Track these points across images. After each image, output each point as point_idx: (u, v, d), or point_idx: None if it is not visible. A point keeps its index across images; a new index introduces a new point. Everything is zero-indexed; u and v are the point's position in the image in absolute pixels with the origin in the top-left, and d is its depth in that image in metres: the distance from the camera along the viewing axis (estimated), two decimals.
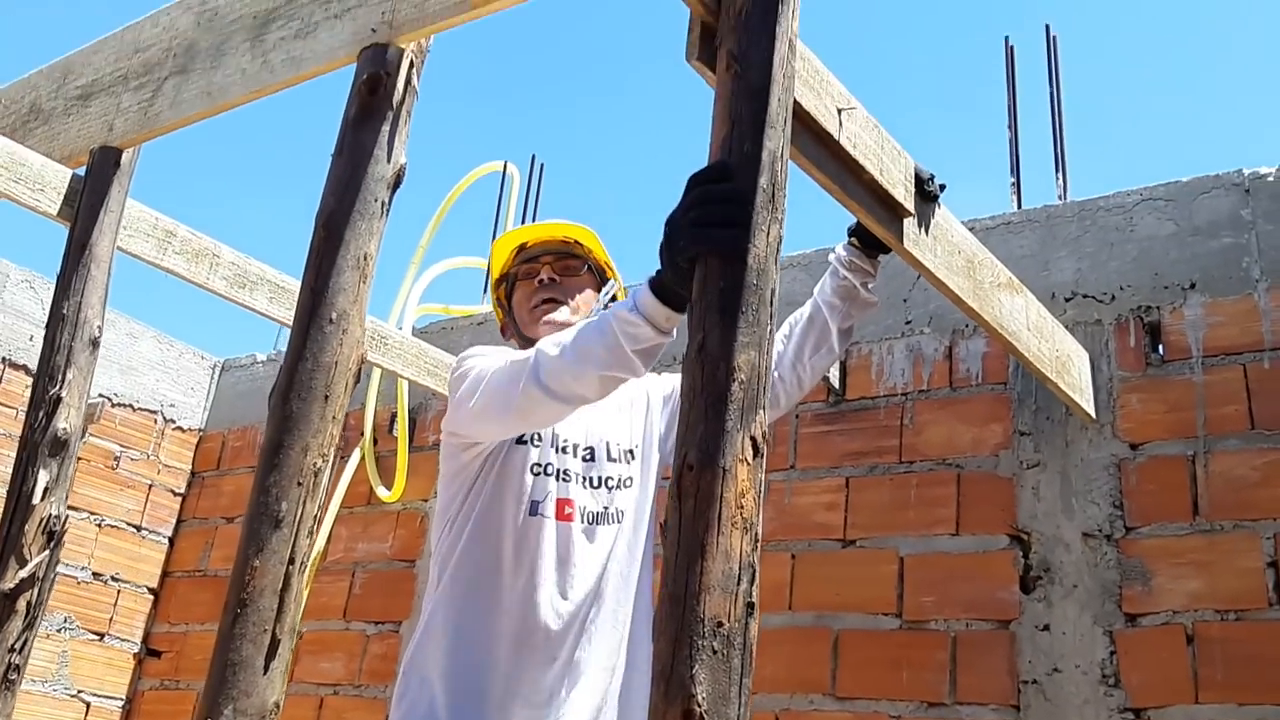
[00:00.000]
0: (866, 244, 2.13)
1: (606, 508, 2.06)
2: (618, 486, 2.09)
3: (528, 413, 1.87)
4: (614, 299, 2.26)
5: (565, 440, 2.09)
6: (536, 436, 2.06)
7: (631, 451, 2.14)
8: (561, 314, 2.16)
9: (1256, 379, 2.55)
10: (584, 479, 2.07)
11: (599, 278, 2.26)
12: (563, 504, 2.02)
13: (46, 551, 2.11)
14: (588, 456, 2.09)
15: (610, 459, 2.11)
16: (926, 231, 2.08)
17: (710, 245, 1.37)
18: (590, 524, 2.04)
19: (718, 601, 1.19)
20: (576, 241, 2.26)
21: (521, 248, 2.27)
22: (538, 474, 2.03)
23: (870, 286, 2.16)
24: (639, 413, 2.20)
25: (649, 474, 2.15)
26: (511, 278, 2.28)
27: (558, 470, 2.05)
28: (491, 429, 1.98)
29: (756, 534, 1.23)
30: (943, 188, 2.10)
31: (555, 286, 2.18)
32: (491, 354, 2.02)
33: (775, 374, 2.21)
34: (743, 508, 1.22)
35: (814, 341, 2.17)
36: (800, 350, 2.18)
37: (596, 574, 2.02)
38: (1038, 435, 2.77)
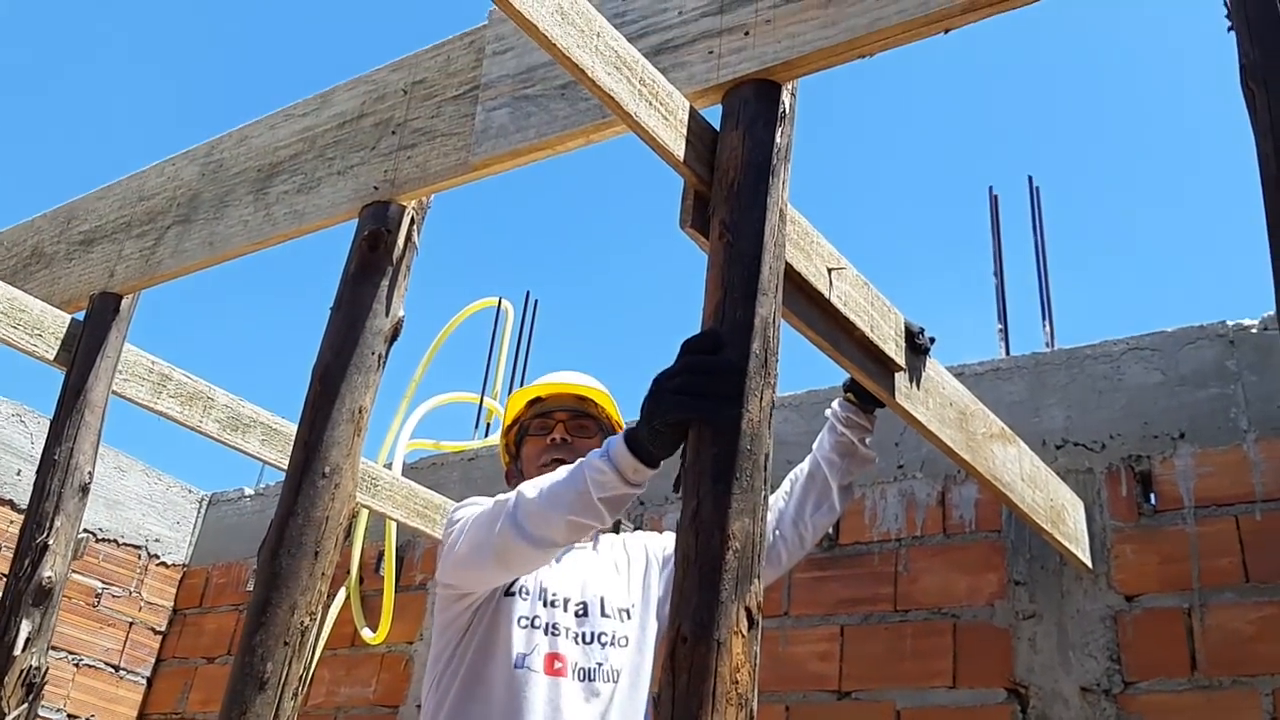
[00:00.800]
0: (863, 399, 2.16)
1: (600, 664, 2.02)
2: (612, 644, 2.05)
3: (504, 555, 1.85)
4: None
5: (555, 594, 2.06)
6: (524, 590, 2.04)
7: (628, 610, 2.10)
8: None
9: (1249, 531, 2.55)
10: (576, 634, 2.03)
11: (608, 431, 2.27)
12: (551, 658, 1.98)
13: (25, 704, 2.06)
14: (580, 612, 2.07)
15: (604, 615, 2.07)
16: (918, 385, 2.10)
17: (693, 413, 1.41)
18: (583, 680, 2.00)
19: None
20: (592, 401, 2.27)
21: (537, 400, 2.28)
22: (525, 627, 2.00)
23: (868, 442, 2.19)
24: (637, 572, 2.17)
25: (646, 634, 2.11)
26: (524, 428, 2.29)
27: (546, 624, 2.02)
28: (475, 575, 1.96)
29: (752, 710, 1.21)
30: (933, 341, 2.13)
31: (565, 447, 2.19)
32: (484, 503, 2.01)
33: (776, 532, 2.21)
34: (737, 683, 1.21)
35: (815, 499, 2.18)
36: (801, 508, 2.19)
37: None
38: (1033, 585, 2.74)
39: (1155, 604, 2.58)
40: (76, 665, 4.22)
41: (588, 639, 2.03)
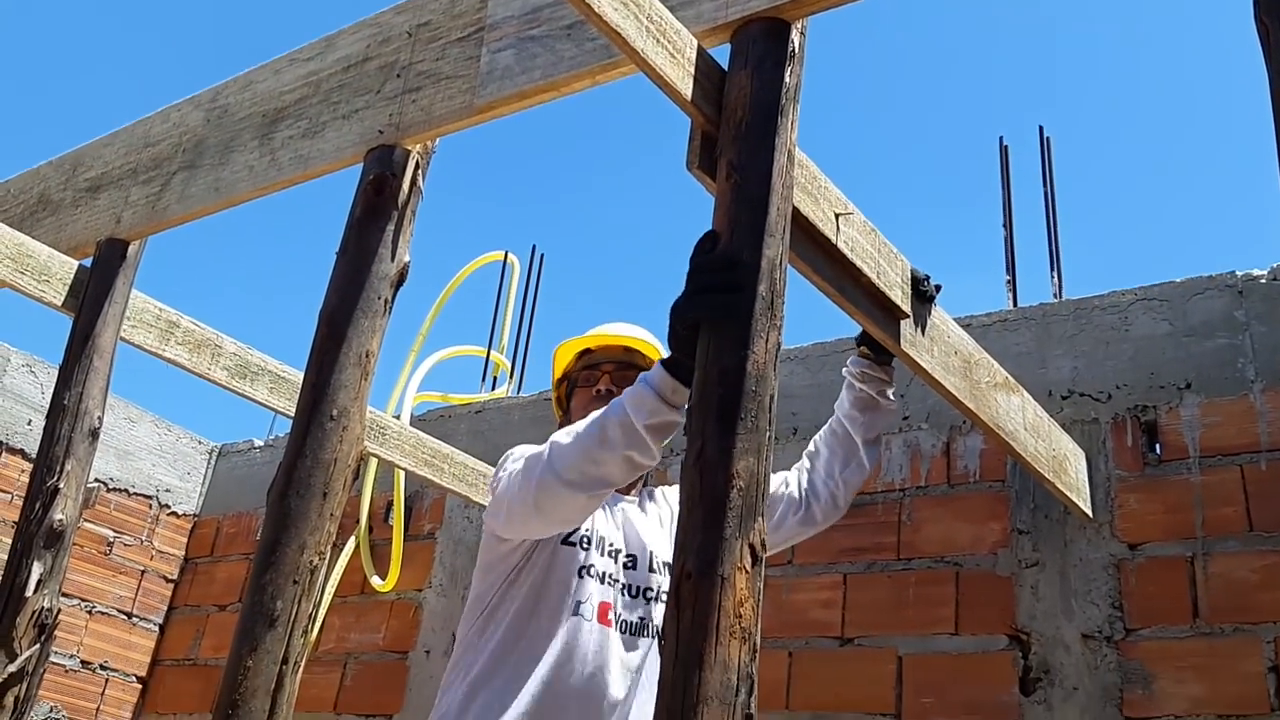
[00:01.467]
0: (876, 351, 2.14)
1: (644, 619, 2.03)
2: (655, 599, 2.05)
3: (546, 506, 1.83)
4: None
5: (610, 545, 2.07)
6: (585, 539, 2.03)
7: (669, 565, 2.09)
8: None
9: (1254, 480, 2.55)
10: (625, 586, 2.04)
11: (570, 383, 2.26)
12: (605, 608, 1.99)
13: (38, 645, 2.09)
14: (629, 564, 2.07)
15: (651, 569, 2.08)
16: (923, 332, 2.10)
17: (701, 310, 1.44)
18: (627, 634, 2.01)
19: (715, 713, 1.18)
20: (639, 352, 2.25)
21: (585, 353, 2.27)
22: (584, 576, 2.00)
23: (890, 393, 2.17)
24: (671, 525, 2.17)
25: None
26: (573, 380, 2.28)
27: (602, 574, 2.02)
28: (519, 527, 1.94)
29: (755, 644, 1.22)
30: (938, 288, 2.13)
31: (610, 399, 2.17)
32: (531, 451, 1.99)
33: (808, 492, 2.21)
34: (741, 617, 1.22)
35: (842, 457, 2.17)
36: (830, 466, 2.18)
37: (628, 684, 1.97)
38: (1036, 534, 2.76)
39: (1158, 552, 2.60)
40: (89, 612, 4.27)
41: (634, 592, 2.04)
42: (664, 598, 2.04)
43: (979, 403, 2.23)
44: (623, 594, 2.03)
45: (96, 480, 4.32)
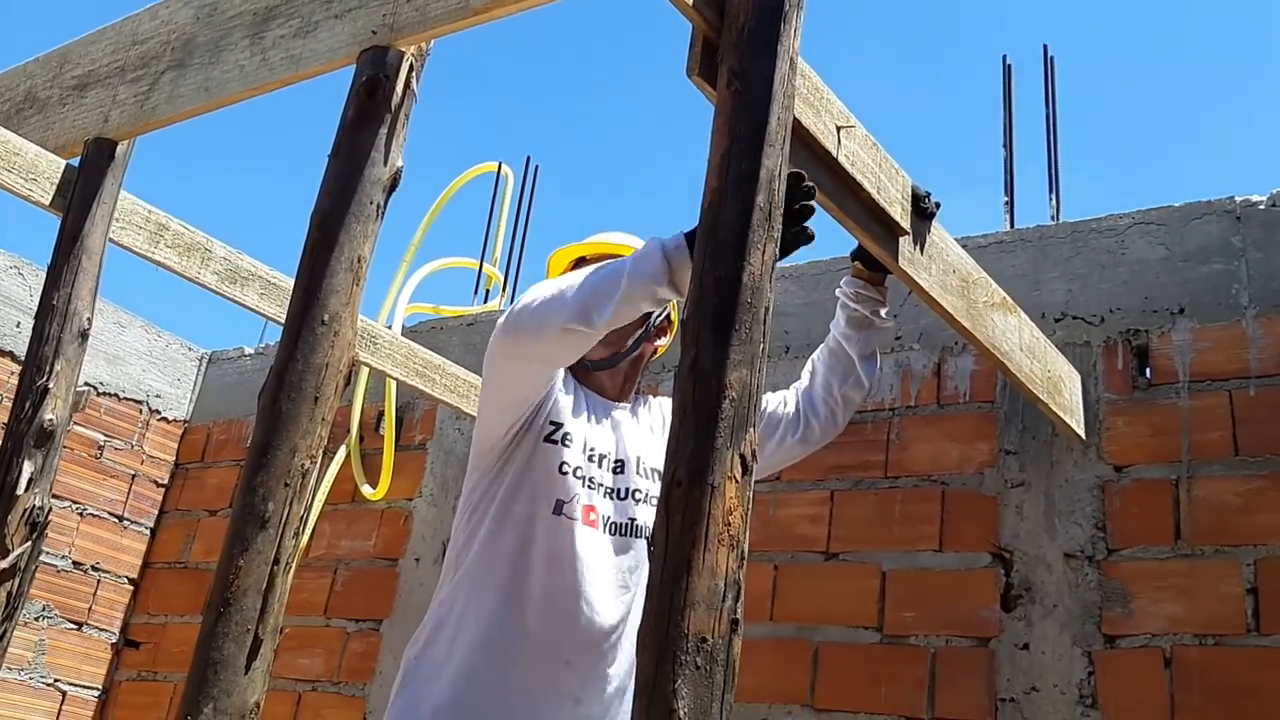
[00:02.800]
0: (870, 266, 2.14)
1: (632, 519, 2.05)
2: (643, 501, 2.08)
3: (517, 325, 1.87)
4: (668, 319, 2.25)
5: (595, 449, 2.08)
6: (569, 438, 2.04)
7: (659, 470, 2.10)
8: (603, 345, 2.09)
9: (1242, 406, 2.57)
10: (610, 490, 2.06)
11: None
12: (588, 509, 2.01)
13: (29, 543, 2.10)
14: (617, 469, 2.09)
15: (638, 473, 2.10)
16: (922, 250, 2.09)
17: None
18: (613, 535, 2.03)
19: (702, 618, 1.19)
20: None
21: (581, 260, 2.25)
22: (566, 474, 2.02)
23: (884, 312, 2.18)
24: (660, 432, 2.18)
25: None
26: None
27: (586, 476, 2.04)
28: (502, 362, 1.95)
29: (743, 551, 1.24)
30: (938, 206, 2.11)
31: None
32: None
33: (807, 408, 2.22)
34: (730, 525, 1.23)
35: (840, 373, 2.19)
36: (828, 383, 2.20)
37: (616, 585, 2.01)
38: (1023, 455, 2.78)
39: (1144, 475, 2.62)
40: (81, 514, 4.30)
41: (621, 495, 2.06)
42: (651, 501, 2.07)
43: (976, 322, 2.23)
44: (609, 497, 2.05)
45: (86, 384, 4.32)
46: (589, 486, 2.03)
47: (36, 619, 4.12)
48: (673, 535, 1.21)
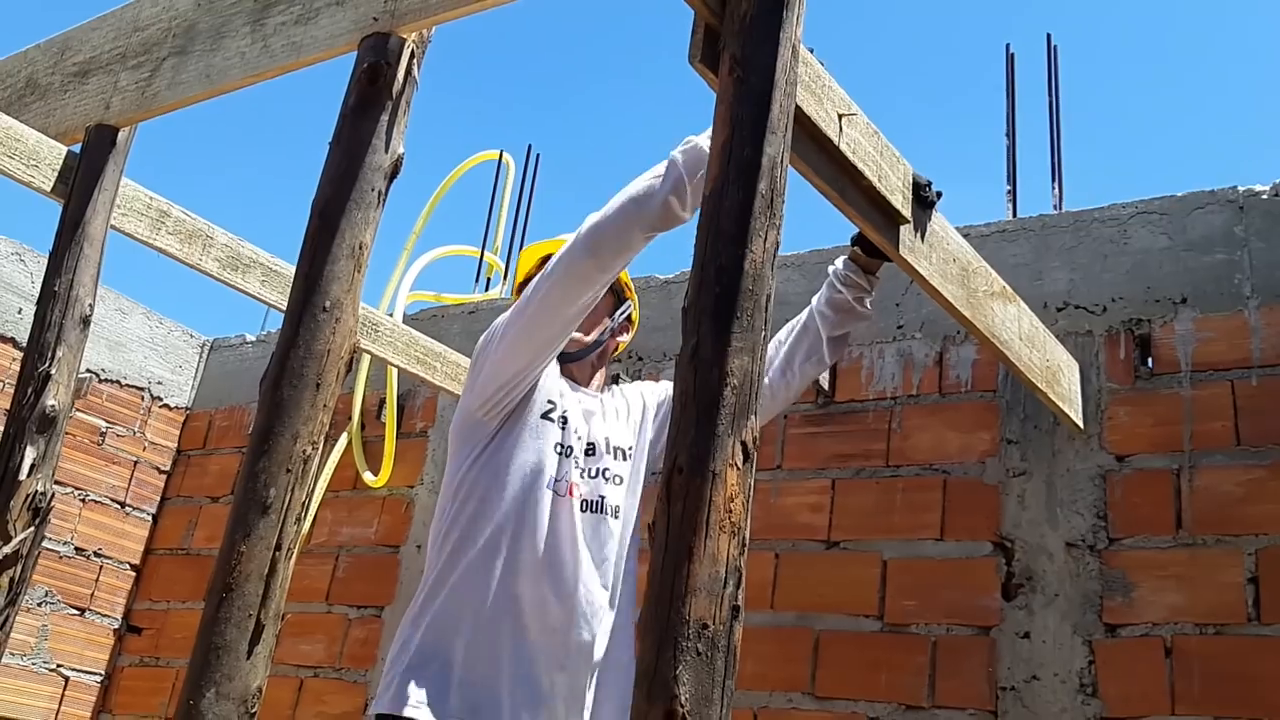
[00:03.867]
0: (869, 252, 2.16)
1: (603, 497, 2.13)
2: (610, 480, 2.16)
3: (598, 244, 1.96)
4: (628, 319, 2.34)
5: (577, 430, 2.16)
6: (562, 418, 2.13)
7: (625, 451, 2.21)
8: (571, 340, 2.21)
9: (1244, 396, 2.57)
10: (584, 469, 2.14)
11: (617, 296, 2.31)
12: (572, 487, 2.10)
13: (32, 528, 2.11)
14: (589, 451, 2.17)
15: (607, 453, 2.18)
16: (923, 239, 2.09)
17: None
18: (588, 511, 2.11)
19: (703, 604, 1.19)
20: None
21: (547, 259, 2.26)
22: (558, 453, 2.11)
23: (868, 302, 2.20)
24: (635, 417, 2.27)
25: (637, 476, 2.20)
26: None
27: (574, 456, 2.13)
28: (576, 285, 2.00)
29: (744, 539, 1.24)
30: (939, 195, 2.11)
31: None
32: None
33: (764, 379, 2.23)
34: (731, 512, 1.23)
35: (806, 349, 2.22)
36: (791, 356, 2.23)
37: (596, 557, 2.09)
38: (1025, 444, 2.78)
39: (1145, 464, 2.62)
40: (83, 500, 4.31)
41: (593, 474, 2.14)
42: (616, 481, 2.15)
43: (975, 311, 2.23)
44: (583, 477, 2.13)
45: (88, 371, 4.32)
46: (574, 465, 2.12)
47: (39, 605, 4.13)
48: (674, 522, 1.21)
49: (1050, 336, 2.59)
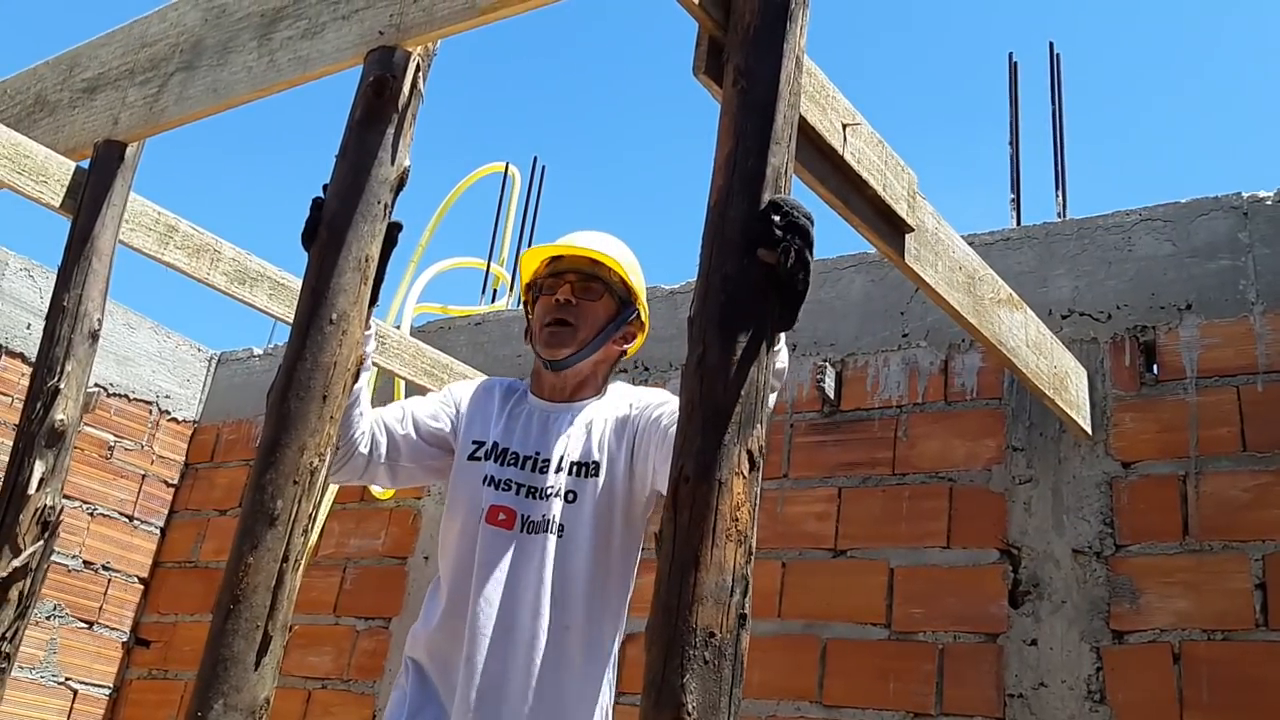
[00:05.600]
0: None
1: (545, 515, 2.07)
2: (556, 496, 2.08)
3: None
4: (639, 318, 2.23)
5: (511, 451, 2.13)
6: (486, 451, 2.12)
7: (586, 466, 2.11)
8: (561, 346, 2.16)
9: (1249, 401, 2.57)
10: (526, 489, 2.09)
11: (621, 301, 2.21)
12: (496, 510, 2.06)
13: (41, 542, 2.11)
14: (532, 467, 2.12)
15: (557, 470, 2.10)
16: (928, 247, 2.09)
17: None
18: (529, 532, 2.06)
19: (710, 612, 1.20)
20: (604, 265, 2.21)
21: (553, 259, 2.24)
22: (486, 485, 2.10)
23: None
24: (610, 426, 2.15)
25: (607, 489, 2.09)
26: (539, 287, 2.25)
27: (499, 480, 2.10)
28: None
29: (751, 547, 1.24)
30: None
31: (569, 308, 2.16)
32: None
33: None
34: (738, 520, 1.23)
35: None
36: None
37: (532, 577, 2.02)
38: (1031, 451, 2.78)
39: (1151, 470, 2.62)
40: (91, 514, 4.32)
41: (534, 494, 2.08)
42: (567, 497, 2.08)
43: (982, 319, 2.24)
44: (525, 496, 2.08)
45: (97, 385, 4.34)
46: (501, 489, 2.09)
47: (48, 618, 4.14)
48: (680, 531, 1.22)
49: (1057, 343, 2.59)
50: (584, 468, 2.11)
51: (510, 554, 2.03)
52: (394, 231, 1.86)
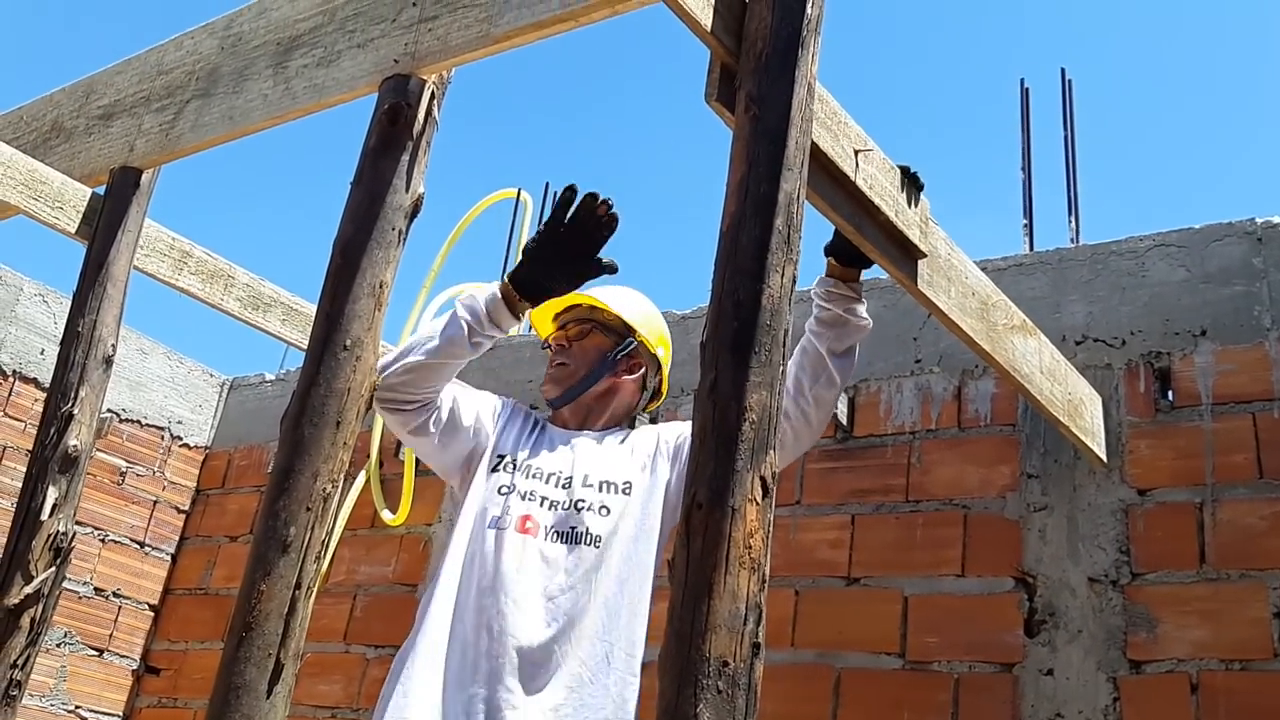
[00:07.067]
0: (845, 260, 2.05)
1: (574, 527, 2.09)
2: (589, 509, 2.11)
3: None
4: (630, 355, 2.28)
5: (538, 468, 2.16)
6: (507, 464, 2.16)
7: (617, 485, 2.15)
8: (554, 385, 2.31)
9: (1266, 428, 2.55)
10: (554, 501, 2.12)
11: (618, 336, 2.29)
12: (524, 519, 2.09)
13: (53, 568, 2.11)
14: (563, 483, 2.15)
15: (586, 485, 2.14)
16: (941, 273, 2.09)
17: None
18: (556, 541, 2.07)
19: (723, 641, 1.19)
20: (593, 306, 2.32)
21: (556, 315, 2.39)
22: (503, 494, 2.12)
23: (862, 310, 2.08)
24: (642, 454, 2.20)
25: (643, 514, 2.13)
26: (549, 343, 2.40)
27: (524, 491, 2.12)
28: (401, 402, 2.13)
29: (764, 575, 1.23)
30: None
31: (565, 352, 2.31)
32: None
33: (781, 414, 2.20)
34: (751, 548, 1.22)
35: (811, 371, 2.08)
36: (799, 383, 2.10)
37: (560, 588, 2.04)
38: (1045, 478, 2.76)
39: (1167, 498, 2.60)
40: (103, 540, 4.32)
41: (565, 505, 2.11)
42: (601, 511, 2.11)
43: (995, 345, 2.23)
44: (552, 509, 2.12)
45: (109, 411, 4.35)
46: (526, 500, 2.12)
47: (58, 645, 4.14)
48: (693, 558, 1.21)
49: (1071, 369, 2.58)
50: (611, 485, 2.16)
51: (537, 559, 2.06)
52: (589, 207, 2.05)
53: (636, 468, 2.18)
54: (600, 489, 2.14)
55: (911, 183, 2.01)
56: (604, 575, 2.06)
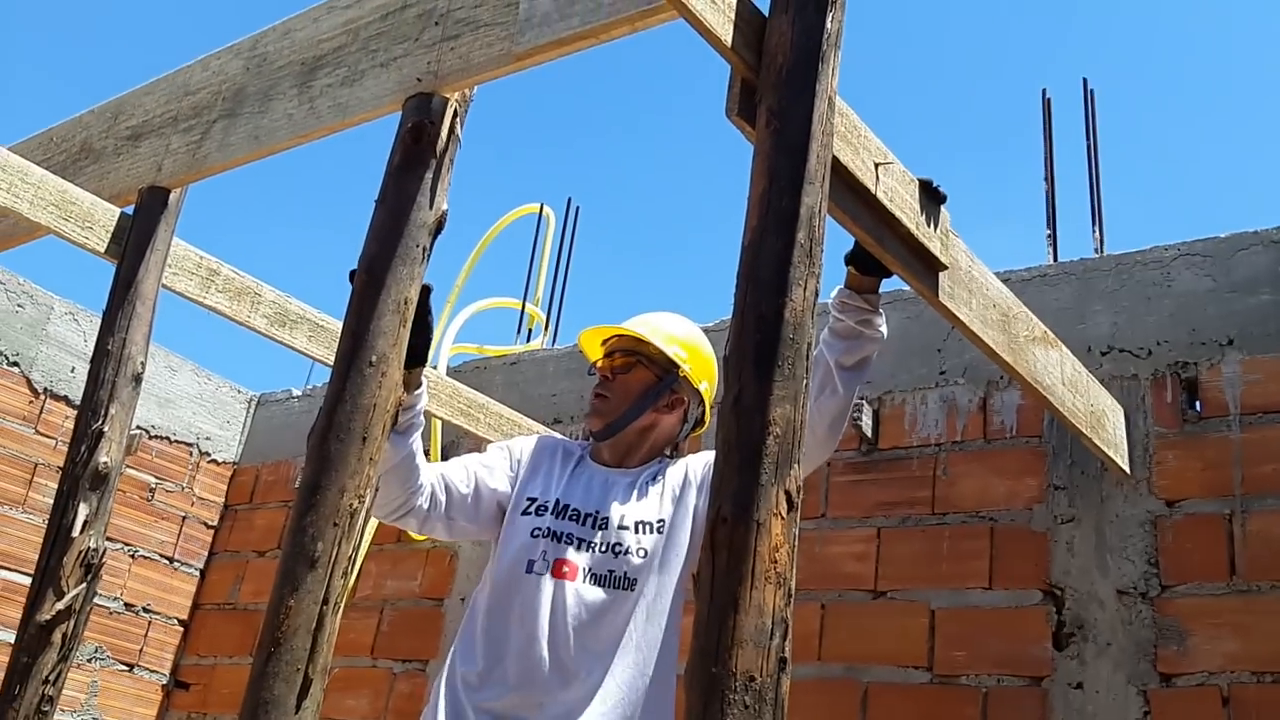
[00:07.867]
0: (864, 269, 2.00)
1: (612, 571, 2.11)
2: (626, 553, 2.12)
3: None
4: (673, 391, 2.28)
5: (572, 508, 2.17)
6: (541, 507, 2.17)
7: (651, 524, 2.16)
8: (598, 418, 2.29)
9: None
10: (589, 544, 2.13)
11: (662, 371, 2.28)
12: (560, 564, 2.10)
13: (84, 584, 2.13)
14: (598, 524, 2.16)
15: (621, 527, 2.14)
16: (962, 285, 2.08)
17: None
18: (592, 584, 2.09)
19: (750, 656, 1.19)
20: (637, 339, 2.31)
21: (615, 338, 2.37)
22: (536, 537, 2.13)
23: (879, 323, 2.03)
24: (672, 489, 2.20)
25: (673, 547, 2.15)
26: (594, 369, 2.41)
27: (558, 533, 2.13)
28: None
29: (790, 589, 1.23)
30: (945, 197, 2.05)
31: (607, 384, 2.30)
32: None
33: None
34: (776, 562, 1.23)
35: (817, 382, 2.04)
36: None
37: (591, 631, 2.06)
38: (1072, 490, 2.75)
39: (1196, 509, 2.58)
40: (132, 556, 4.36)
41: (602, 548, 2.12)
42: (638, 553, 2.13)
43: (1017, 357, 2.22)
44: (588, 551, 2.12)
45: (138, 427, 4.39)
46: (562, 542, 2.13)
47: (89, 660, 4.17)
48: (719, 572, 1.21)
49: (1094, 381, 2.56)
50: (646, 525, 2.17)
51: (576, 605, 2.07)
52: (425, 295, 1.94)
53: (669, 501, 2.20)
54: (636, 530, 2.15)
55: (931, 197, 2.01)
56: (640, 615, 2.09)
